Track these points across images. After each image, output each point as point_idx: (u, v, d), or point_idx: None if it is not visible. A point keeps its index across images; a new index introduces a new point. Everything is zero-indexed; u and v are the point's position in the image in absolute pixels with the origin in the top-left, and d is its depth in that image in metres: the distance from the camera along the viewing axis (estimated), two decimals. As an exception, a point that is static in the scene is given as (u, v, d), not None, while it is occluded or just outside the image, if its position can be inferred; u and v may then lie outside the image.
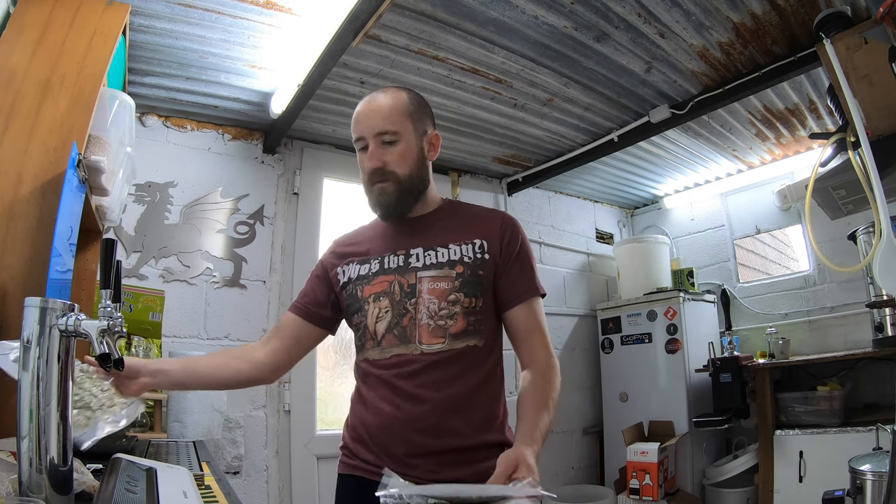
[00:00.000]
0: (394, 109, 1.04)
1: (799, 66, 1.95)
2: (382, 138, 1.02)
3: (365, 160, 1.04)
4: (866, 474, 1.45)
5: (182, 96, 2.15)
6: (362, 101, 1.07)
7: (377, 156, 1.02)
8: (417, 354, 0.98)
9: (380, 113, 1.03)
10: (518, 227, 1.09)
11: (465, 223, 1.09)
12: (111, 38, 1.31)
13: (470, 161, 2.97)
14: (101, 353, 0.73)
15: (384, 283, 1.03)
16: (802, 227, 3.04)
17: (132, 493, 0.72)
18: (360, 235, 1.16)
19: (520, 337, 1.04)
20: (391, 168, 1.02)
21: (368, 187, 1.05)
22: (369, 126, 1.03)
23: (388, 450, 0.97)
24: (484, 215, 1.12)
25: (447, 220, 1.10)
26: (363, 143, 1.04)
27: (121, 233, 2.07)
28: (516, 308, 1.03)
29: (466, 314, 1.00)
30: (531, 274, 1.06)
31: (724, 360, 2.63)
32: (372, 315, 1.02)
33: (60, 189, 1.03)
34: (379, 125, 1.02)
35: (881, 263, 1.33)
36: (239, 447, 2.17)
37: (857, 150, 1.47)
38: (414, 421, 0.92)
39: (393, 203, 1.04)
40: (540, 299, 1.06)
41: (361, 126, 1.04)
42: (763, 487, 2.41)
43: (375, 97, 1.06)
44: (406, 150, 1.04)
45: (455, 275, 1.01)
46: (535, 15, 1.76)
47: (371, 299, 1.03)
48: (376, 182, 1.03)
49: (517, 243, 1.06)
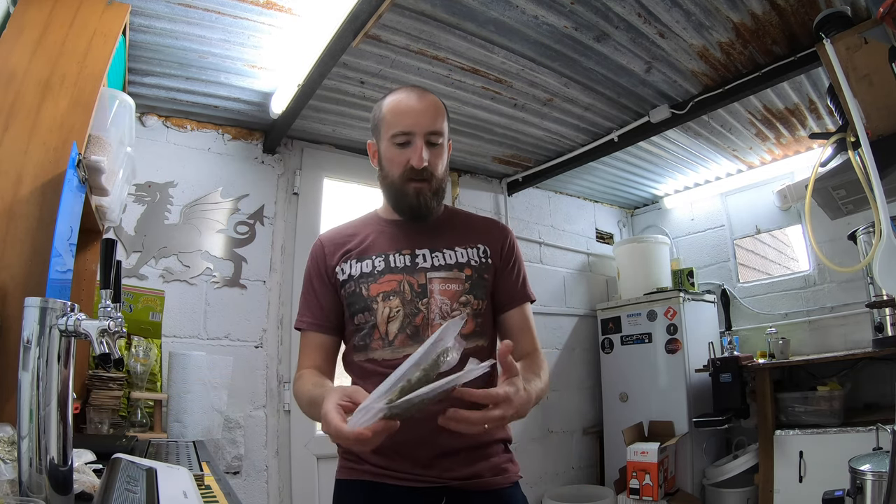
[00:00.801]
0: (441, 110, 1.04)
1: (799, 66, 1.95)
2: (430, 138, 1.00)
3: (406, 155, 1.00)
4: (866, 474, 1.45)
5: (182, 96, 2.15)
6: (406, 94, 1.03)
7: (424, 155, 0.99)
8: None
9: (432, 111, 1.01)
10: (514, 237, 1.16)
11: (466, 228, 1.12)
12: (111, 38, 1.31)
13: (470, 161, 2.98)
14: (101, 353, 0.73)
15: (392, 282, 1.02)
16: (802, 227, 3.04)
17: (132, 493, 0.72)
18: (351, 231, 1.12)
19: (513, 335, 1.07)
20: (432, 170, 1.01)
21: (402, 184, 1.02)
22: (422, 123, 0.99)
23: (405, 451, 0.96)
24: (483, 223, 1.16)
25: (449, 223, 1.12)
26: (407, 139, 1.00)
27: (121, 233, 2.07)
28: (513, 311, 1.09)
29: (474, 316, 1.03)
30: (525, 281, 1.13)
31: (724, 360, 2.63)
32: (382, 314, 1.00)
33: (60, 189, 1.03)
34: (431, 124, 1.00)
35: (881, 263, 1.34)
36: (239, 447, 2.17)
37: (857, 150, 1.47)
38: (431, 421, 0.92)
39: (428, 205, 1.03)
40: (530, 304, 1.12)
41: (410, 121, 0.99)
42: (763, 487, 2.41)
43: (423, 94, 1.03)
44: (444, 154, 1.05)
45: (464, 277, 1.03)
46: (535, 15, 1.76)
47: (380, 298, 1.01)
48: (414, 181, 1.01)
49: (514, 251, 1.13)
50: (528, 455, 2.89)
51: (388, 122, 1.02)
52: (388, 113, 1.03)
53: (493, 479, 1.00)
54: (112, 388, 1.58)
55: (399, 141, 1.01)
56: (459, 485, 0.97)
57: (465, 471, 0.97)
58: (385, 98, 1.07)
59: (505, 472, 1.02)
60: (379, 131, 1.06)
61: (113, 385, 1.59)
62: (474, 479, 0.98)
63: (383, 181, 1.07)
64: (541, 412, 3.07)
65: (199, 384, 1.87)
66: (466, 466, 0.97)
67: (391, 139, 1.01)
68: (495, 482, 1.00)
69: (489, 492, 0.99)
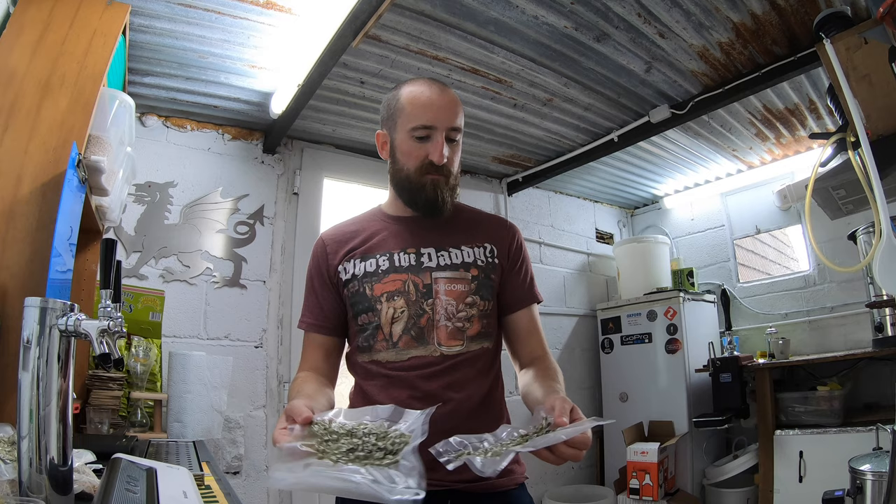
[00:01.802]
0: (461, 106, 1.01)
1: (799, 66, 1.95)
2: (450, 134, 0.98)
3: (425, 149, 0.98)
4: (866, 474, 1.45)
5: (182, 96, 2.15)
6: (427, 86, 1.00)
7: (444, 151, 0.97)
8: (437, 357, 0.96)
9: (454, 107, 0.99)
10: (521, 236, 1.12)
11: (472, 226, 1.09)
12: (111, 38, 1.31)
13: (470, 161, 2.97)
14: (101, 353, 0.73)
15: (397, 281, 0.99)
16: (802, 227, 3.04)
17: (132, 493, 0.72)
18: (354, 228, 1.09)
19: (521, 338, 1.05)
20: (449, 166, 1.00)
21: (419, 177, 0.99)
22: (444, 118, 0.97)
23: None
24: (489, 220, 1.13)
25: (454, 221, 1.08)
26: (428, 133, 0.97)
27: (121, 233, 2.07)
28: (520, 312, 1.06)
29: (481, 317, 1.00)
30: (532, 281, 1.10)
31: (724, 360, 2.63)
32: (386, 315, 0.98)
33: (60, 189, 1.03)
34: (453, 120, 0.98)
35: (881, 263, 1.33)
36: (239, 447, 2.17)
37: (857, 150, 1.47)
38: (438, 423, 0.91)
39: (444, 199, 1.00)
40: (537, 306, 1.09)
41: (434, 115, 0.96)
42: (763, 487, 2.41)
43: (444, 88, 1.01)
44: (460, 150, 1.03)
45: (471, 277, 1.01)
46: (535, 15, 1.76)
47: (384, 298, 0.98)
48: (431, 174, 0.99)
49: (522, 251, 1.10)
50: (528, 455, 2.86)
51: (407, 113, 0.98)
52: (409, 104, 0.99)
53: (498, 480, 0.98)
54: (112, 388, 1.58)
55: (419, 135, 0.97)
56: (465, 487, 0.96)
57: (470, 473, 0.96)
58: (402, 87, 1.02)
59: (511, 474, 1.01)
60: (394, 122, 1.01)
61: (113, 385, 1.59)
62: (480, 482, 0.96)
63: (396, 174, 1.03)
64: (541, 412, 3.06)
65: (199, 384, 1.87)
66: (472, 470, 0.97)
67: (410, 132, 0.98)
68: (501, 484, 0.99)
69: (495, 493, 0.98)
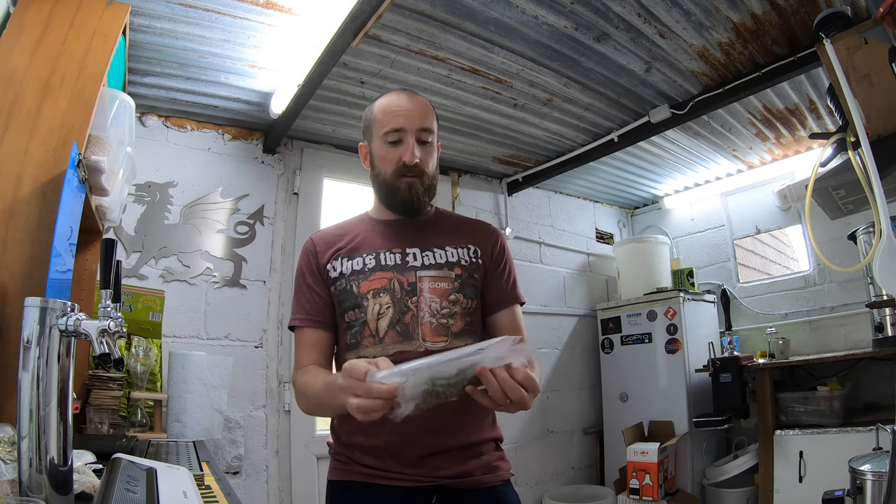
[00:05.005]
0: (430, 110, 1.08)
1: (799, 66, 1.95)
2: (421, 136, 1.04)
3: (398, 153, 1.03)
4: (866, 474, 1.45)
5: (182, 96, 2.15)
6: (396, 95, 1.07)
7: (416, 152, 1.02)
8: (422, 352, 0.98)
9: (422, 110, 1.05)
10: (505, 239, 1.17)
11: (456, 229, 1.14)
12: (111, 38, 1.31)
13: (470, 161, 2.97)
14: (101, 353, 0.73)
15: (383, 279, 1.03)
16: (802, 227, 3.04)
17: (132, 493, 0.72)
18: (341, 231, 1.13)
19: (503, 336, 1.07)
20: (423, 166, 1.04)
21: (395, 180, 1.05)
22: (413, 121, 1.03)
23: (397, 451, 0.96)
24: (474, 224, 1.18)
25: (439, 224, 1.14)
26: (399, 136, 1.03)
27: (121, 233, 2.07)
28: (502, 312, 1.10)
29: (464, 314, 1.03)
30: (515, 283, 1.14)
31: (724, 360, 2.63)
32: (372, 311, 1.01)
33: (60, 189, 1.03)
34: (422, 121, 1.04)
35: (881, 263, 1.33)
36: (239, 447, 2.17)
37: (857, 150, 1.47)
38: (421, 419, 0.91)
39: (420, 199, 1.06)
40: (520, 307, 1.14)
41: (402, 119, 1.03)
42: (763, 487, 2.41)
43: (412, 95, 1.08)
44: (434, 152, 1.08)
45: (454, 276, 1.04)
46: (535, 15, 1.76)
47: (370, 295, 1.01)
48: (406, 176, 1.04)
49: (505, 254, 1.14)
50: (528, 455, 2.88)
51: (379, 121, 1.06)
52: (380, 113, 1.06)
53: (483, 477, 1.00)
54: (112, 388, 1.58)
55: (391, 139, 1.04)
56: (451, 483, 0.97)
57: (456, 469, 0.98)
58: (375, 101, 1.11)
59: (496, 471, 1.02)
60: (370, 132, 1.09)
61: (113, 385, 1.59)
62: (465, 478, 0.98)
63: (375, 180, 1.10)
64: (541, 412, 3.07)
65: (199, 384, 1.87)
66: (457, 465, 0.98)
67: (383, 137, 1.04)
68: (486, 480, 1.00)
69: (480, 490, 0.99)
